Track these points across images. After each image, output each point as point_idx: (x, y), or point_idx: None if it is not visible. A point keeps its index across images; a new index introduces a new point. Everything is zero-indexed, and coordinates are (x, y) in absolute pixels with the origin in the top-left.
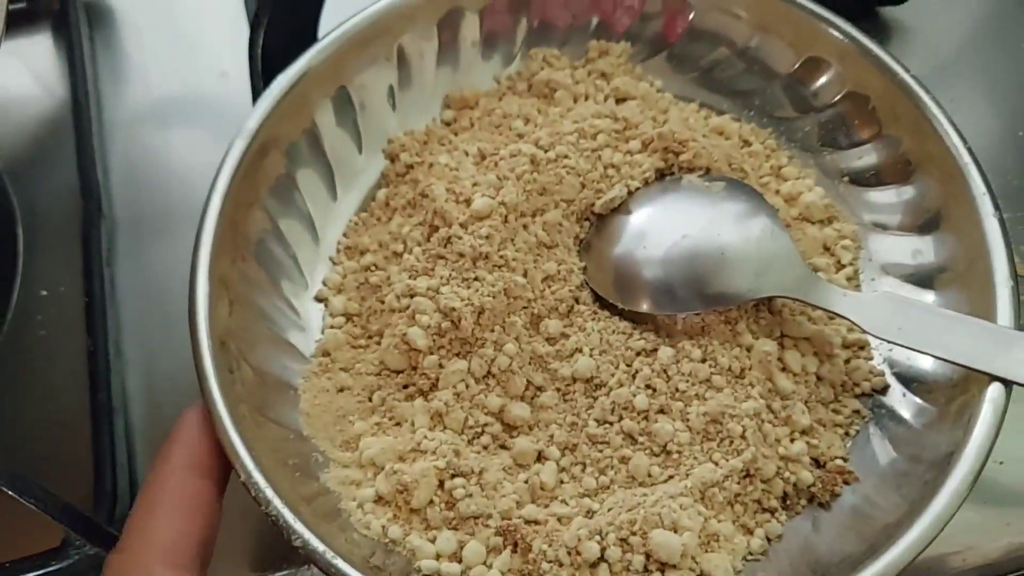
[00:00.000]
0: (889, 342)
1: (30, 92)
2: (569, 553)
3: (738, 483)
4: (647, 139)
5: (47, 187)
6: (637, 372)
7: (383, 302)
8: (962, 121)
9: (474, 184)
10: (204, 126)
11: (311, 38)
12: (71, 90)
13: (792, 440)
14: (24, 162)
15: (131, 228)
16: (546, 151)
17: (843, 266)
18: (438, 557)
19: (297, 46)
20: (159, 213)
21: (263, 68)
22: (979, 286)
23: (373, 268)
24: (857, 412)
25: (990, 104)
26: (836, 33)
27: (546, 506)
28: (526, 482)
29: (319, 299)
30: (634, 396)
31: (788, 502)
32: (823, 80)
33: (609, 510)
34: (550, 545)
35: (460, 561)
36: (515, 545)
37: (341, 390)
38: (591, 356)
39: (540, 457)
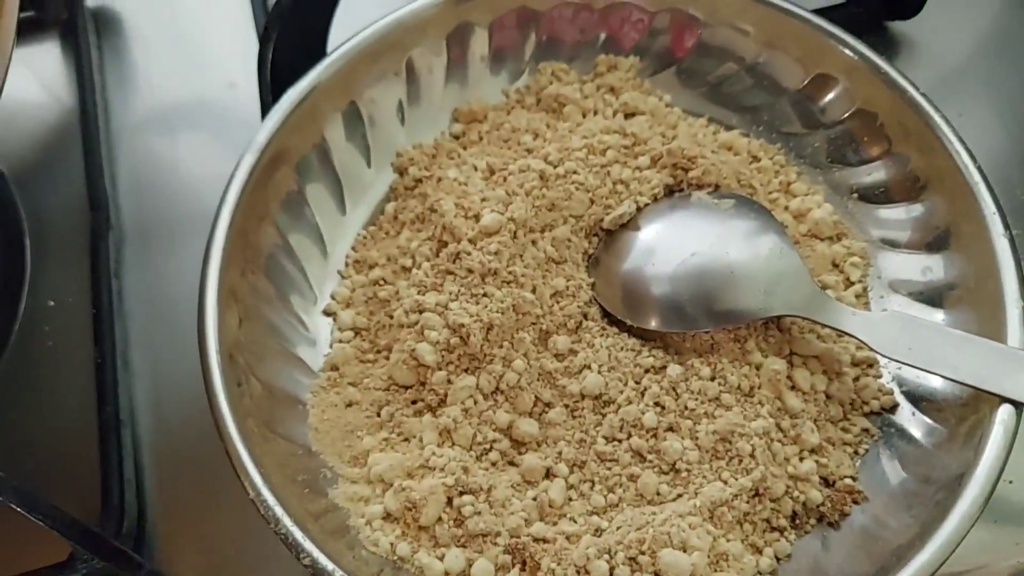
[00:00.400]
0: (898, 362)
1: (38, 100)
2: (578, 572)
3: (747, 502)
4: (656, 155)
5: (55, 196)
6: (646, 389)
7: (391, 317)
8: (969, 136)
9: (483, 199)
10: (212, 136)
11: (320, 52)
12: (79, 99)
13: (801, 459)
14: (32, 171)
15: (139, 239)
16: (555, 167)
17: (852, 283)
18: (446, 575)
19: (306, 60)
20: (167, 224)
21: (272, 81)
22: (989, 306)
23: (382, 282)
24: (866, 431)
25: (998, 118)
26: (845, 50)
27: (554, 524)
28: (534, 499)
29: (327, 313)
30: (643, 413)
31: (797, 521)
32: (832, 96)
33: (618, 528)
34: (559, 564)
35: None
36: (524, 563)
37: (349, 405)
38: (600, 373)
39: (548, 474)
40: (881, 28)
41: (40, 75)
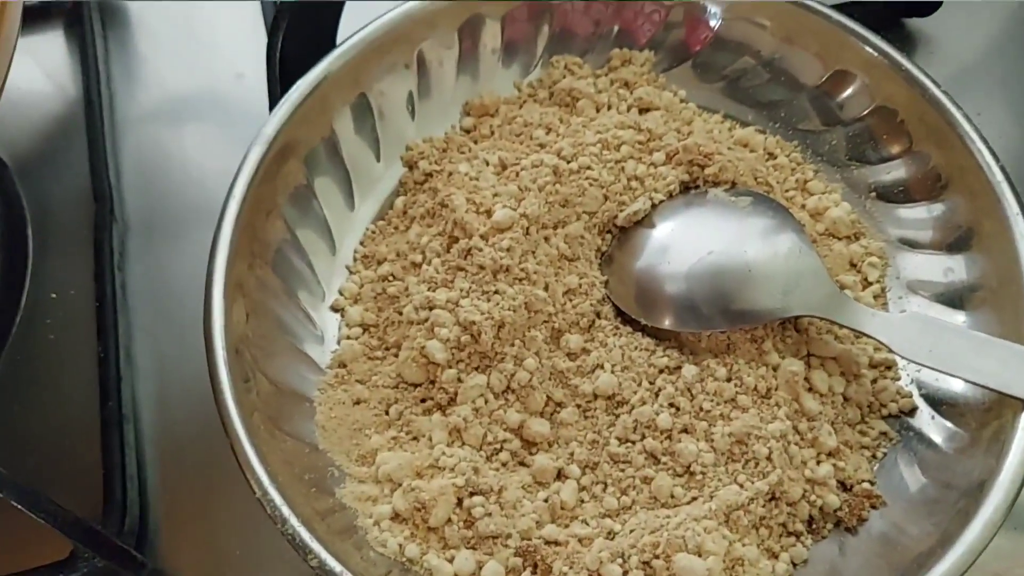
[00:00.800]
0: (918, 364)
1: (42, 90)
2: None
3: (763, 506)
4: (672, 151)
5: (58, 187)
6: (660, 390)
7: (401, 313)
8: (987, 135)
9: (495, 195)
10: (219, 128)
11: (330, 43)
12: (83, 89)
13: (818, 462)
14: (35, 161)
15: (143, 231)
16: (569, 162)
17: (870, 283)
18: None
19: (316, 52)
20: (172, 216)
21: (281, 73)
22: (1012, 308)
23: (391, 278)
24: (884, 434)
25: (1015, 117)
26: (865, 46)
27: (566, 526)
28: (546, 501)
29: (335, 309)
30: (657, 415)
31: (814, 526)
32: (851, 92)
33: (631, 532)
34: (571, 567)
35: None
36: (535, 566)
37: (357, 403)
38: (613, 372)
39: (560, 475)
40: (898, 25)
41: (44, 65)
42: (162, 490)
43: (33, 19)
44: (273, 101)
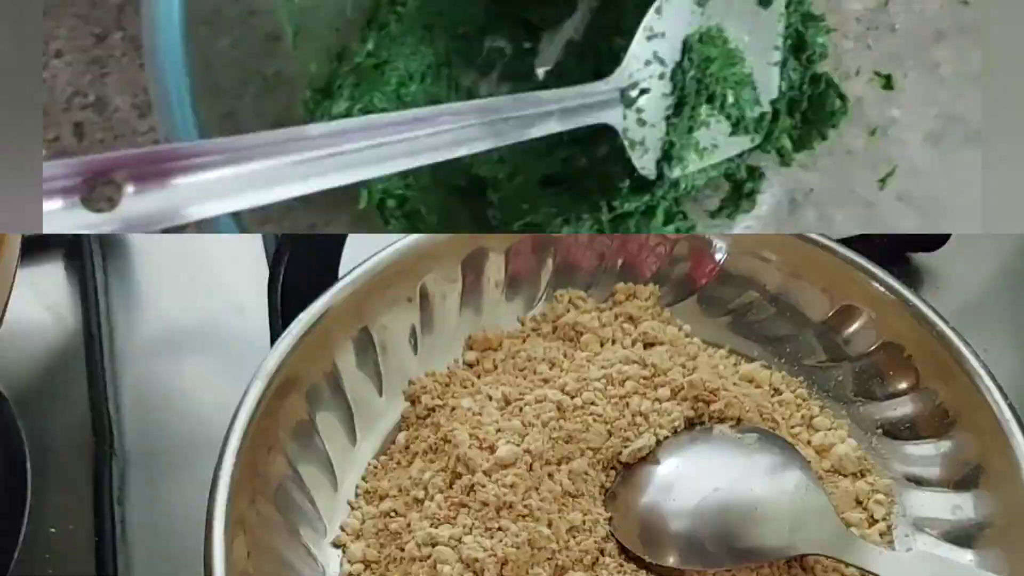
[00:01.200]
0: None
1: (41, 322)
2: None
3: None
4: (677, 387)
5: (57, 420)
6: None
7: (403, 550)
8: (994, 370)
9: (498, 430)
10: (220, 361)
11: (332, 277)
12: (83, 321)
13: None
14: (34, 394)
15: (143, 465)
16: (572, 397)
17: (876, 521)
18: None
19: (318, 284)
20: (172, 450)
21: (283, 306)
22: (1021, 547)
23: (393, 514)
24: None
25: (1020, 353)
26: (872, 281)
27: None
28: None
29: (337, 545)
30: None
31: None
32: (857, 328)
33: None
34: None
35: None
36: None
37: None
38: None
39: None
40: (904, 259)
41: (44, 297)
42: None
43: (32, 251)
44: (275, 334)
